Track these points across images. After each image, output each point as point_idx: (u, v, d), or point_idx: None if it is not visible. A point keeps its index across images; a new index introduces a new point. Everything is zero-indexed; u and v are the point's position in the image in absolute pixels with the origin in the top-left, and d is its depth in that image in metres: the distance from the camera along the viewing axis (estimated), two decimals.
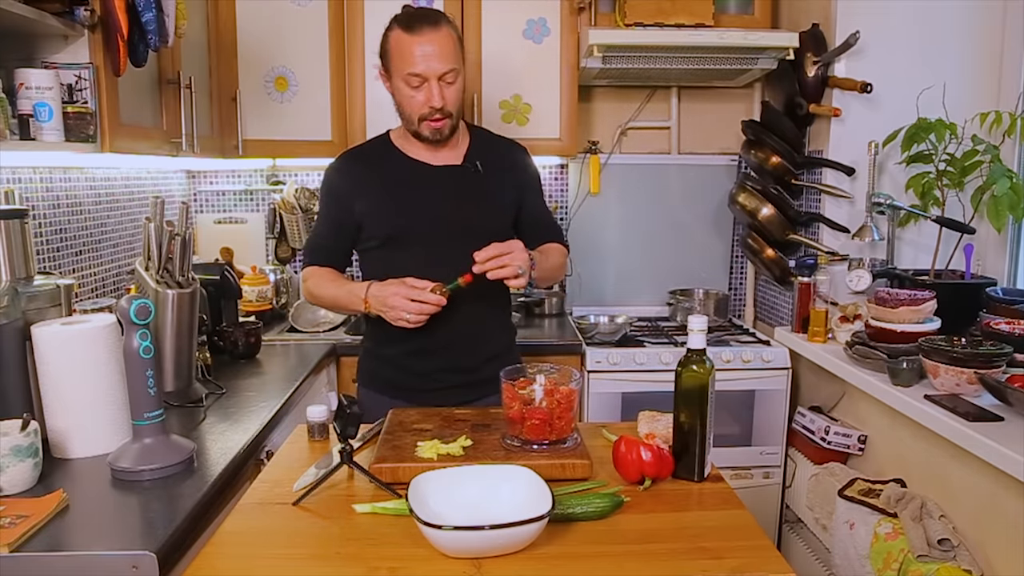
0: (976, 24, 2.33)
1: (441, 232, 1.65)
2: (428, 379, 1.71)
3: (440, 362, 1.71)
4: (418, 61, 1.56)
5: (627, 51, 2.40)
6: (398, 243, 1.67)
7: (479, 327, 1.72)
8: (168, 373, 1.69)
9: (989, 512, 1.58)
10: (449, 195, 1.67)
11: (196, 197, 2.90)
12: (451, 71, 1.58)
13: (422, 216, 1.66)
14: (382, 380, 1.76)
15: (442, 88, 1.58)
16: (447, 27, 1.59)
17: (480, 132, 1.82)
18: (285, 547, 1.06)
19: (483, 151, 1.74)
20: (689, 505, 1.19)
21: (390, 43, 1.62)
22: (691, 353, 1.24)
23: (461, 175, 1.70)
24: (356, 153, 1.78)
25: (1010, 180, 1.97)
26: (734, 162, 2.93)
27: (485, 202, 1.69)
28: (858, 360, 2.04)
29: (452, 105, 1.61)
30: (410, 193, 1.67)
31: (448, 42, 1.58)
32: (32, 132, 1.51)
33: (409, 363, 1.72)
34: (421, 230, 1.66)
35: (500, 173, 1.73)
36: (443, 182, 1.68)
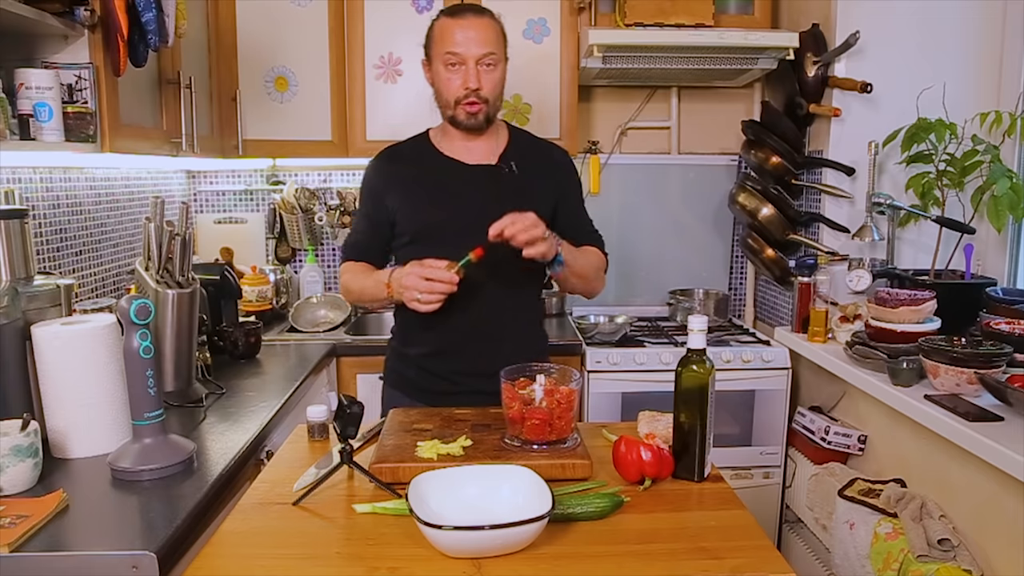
0: (976, 24, 2.32)
1: (471, 231, 1.55)
2: (448, 382, 1.68)
3: (461, 364, 1.67)
4: (458, 41, 1.58)
5: (627, 51, 2.40)
6: (428, 239, 1.65)
7: (504, 330, 1.67)
8: (168, 373, 1.69)
9: (989, 512, 1.58)
10: (480, 194, 1.64)
11: (196, 197, 2.90)
12: (490, 54, 1.58)
13: (452, 213, 1.64)
14: (406, 381, 1.75)
15: (479, 72, 1.59)
16: (492, 18, 1.62)
17: (520, 133, 1.79)
18: (285, 547, 1.06)
19: (521, 152, 1.71)
20: (689, 505, 1.19)
21: (434, 29, 1.64)
22: (691, 353, 1.24)
23: (494, 175, 1.67)
24: (393, 150, 1.77)
25: (1010, 180, 1.97)
26: (734, 162, 2.93)
27: (517, 203, 1.59)
28: (858, 360, 2.04)
29: (488, 90, 1.60)
30: (442, 190, 1.67)
31: (490, 29, 1.60)
32: (32, 132, 1.51)
33: (431, 364, 1.69)
34: (451, 227, 1.64)
35: (537, 175, 1.70)
36: (476, 181, 1.66)
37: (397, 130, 2.59)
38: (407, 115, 2.56)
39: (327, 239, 2.94)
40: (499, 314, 1.66)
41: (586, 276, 1.71)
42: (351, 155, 2.59)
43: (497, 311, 1.65)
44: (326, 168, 2.90)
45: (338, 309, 2.68)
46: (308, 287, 2.85)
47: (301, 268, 2.90)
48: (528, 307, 1.78)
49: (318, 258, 2.93)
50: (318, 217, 2.86)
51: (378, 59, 2.54)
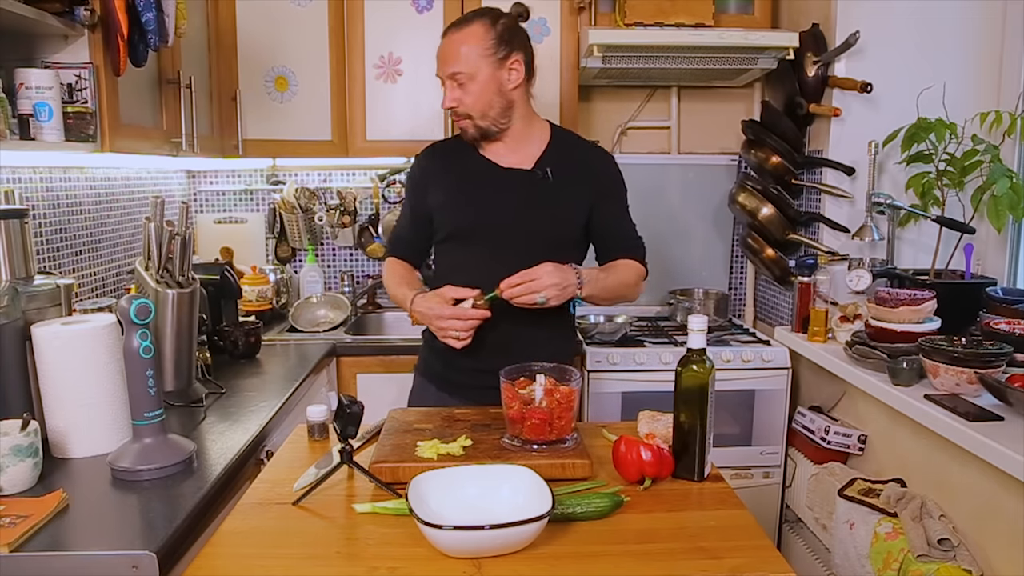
0: (976, 24, 2.32)
1: (503, 234, 1.63)
2: (475, 376, 1.64)
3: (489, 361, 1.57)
4: (437, 61, 1.62)
5: (627, 51, 2.40)
6: (462, 239, 1.68)
7: (533, 330, 1.64)
8: (168, 373, 1.69)
9: (989, 512, 1.58)
10: (513, 199, 1.64)
11: (196, 197, 2.90)
12: (457, 73, 1.57)
13: (485, 216, 1.65)
14: (433, 372, 1.76)
15: (452, 89, 1.59)
16: (474, 26, 1.58)
17: (562, 135, 1.74)
18: (285, 547, 1.06)
19: (559, 156, 1.67)
20: (689, 505, 1.19)
21: None
22: (691, 353, 1.24)
23: (528, 180, 1.64)
24: (437, 147, 1.78)
25: (1010, 180, 1.97)
26: (734, 162, 2.93)
27: (550, 209, 1.62)
28: (858, 360, 2.04)
29: (467, 105, 1.59)
30: (476, 191, 1.67)
31: (461, 43, 1.57)
32: (32, 132, 1.51)
33: (457, 359, 1.66)
34: (483, 230, 1.65)
35: (572, 182, 1.65)
36: (509, 185, 1.65)
37: (397, 130, 2.61)
38: (407, 115, 2.56)
39: (327, 239, 2.94)
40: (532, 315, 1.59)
41: (612, 297, 1.67)
42: (351, 155, 2.59)
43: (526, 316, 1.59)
44: (326, 168, 2.90)
45: (338, 309, 2.68)
46: (308, 287, 2.85)
47: (301, 268, 2.90)
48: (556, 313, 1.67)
49: (318, 258, 2.93)
50: (318, 217, 2.86)
51: (378, 59, 2.54)
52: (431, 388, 1.75)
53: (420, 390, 1.79)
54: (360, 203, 2.89)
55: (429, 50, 2.50)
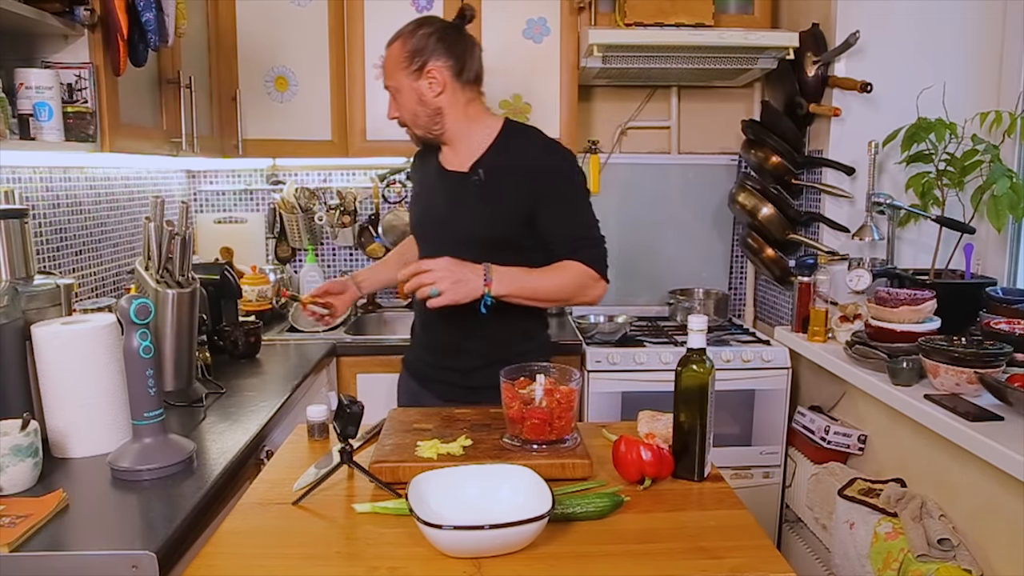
0: (976, 24, 2.32)
1: (441, 236, 1.70)
2: (436, 370, 1.79)
3: (444, 358, 1.76)
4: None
5: (627, 51, 2.40)
6: (417, 237, 1.85)
7: (475, 337, 1.69)
8: (168, 373, 1.69)
9: (989, 512, 1.58)
10: (447, 201, 1.70)
11: (196, 197, 2.90)
12: (388, 86, 1.68)
13: (424, 216, 1.78)
14: (410, 365, 1.89)
15: (391, 100, 1.70)
16: (395, 43, 1.65)
17: (511, 134, 1.69)
18: (285, 547, 1.06)
19: (500, 157, 1.65)
20: (689, 505, 1.19)
21: None
22: (691, 353, 1.24)
23: (462, 182, 1.67)
24: (422, 149, 1.84)
25: (1010, 180, 1.97)
26: (734, 162, 2.93)
27: (481, 210, 1.64)
28: (858, 360, 2.04)
29: (403, 116, 1.69)
30: (425, 194, 1.79)
31: (388, 58, 1.66)
32: (32, 132, 1.51)
33: (423, 354, 1.83)
34: (425, 230, 1.78)
35: (511, 181, 1.62)
36: (446, 188, 1.71)
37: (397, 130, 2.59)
38: None
39: (327, 239, 2.94)
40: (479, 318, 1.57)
41: (541, 299, 1.63)
42: (351, 155, 2.59)
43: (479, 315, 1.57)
44: (326, 168, 2.90)
45: None
46: (308, 287, 2.85)
47: (301, 268, 2.90)
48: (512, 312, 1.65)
49: (318, 258, 2.93)
50: (318, 217, 2.86)
51: (378, 59, 2.52)
52: (410, 380, 1.87)
53: (403, 380, 1.91)
54: (360, 203, 2.89)
55: None
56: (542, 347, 1.80)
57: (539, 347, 1.77)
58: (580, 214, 1.67)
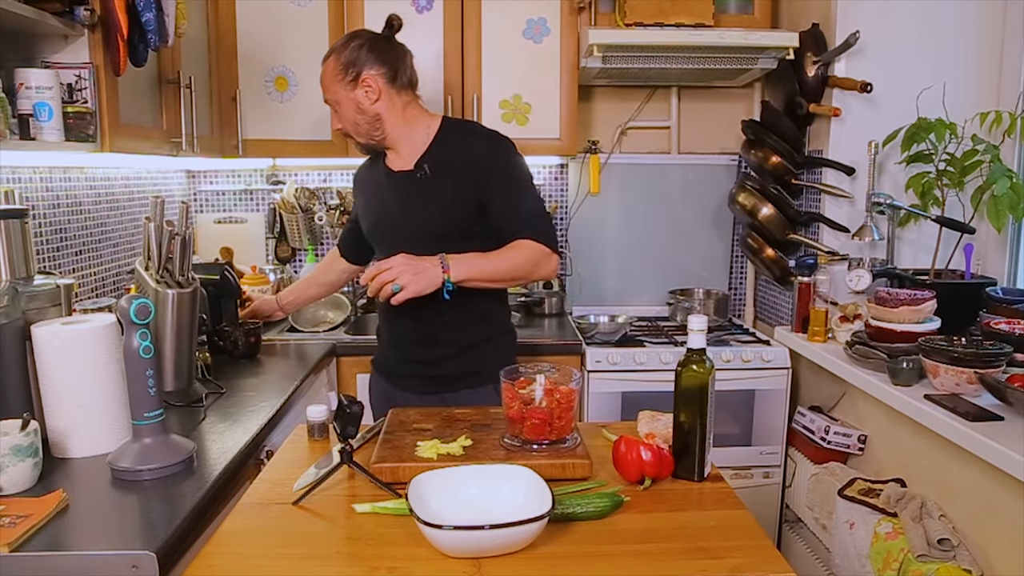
0: (976, 24, 2.33)
1: (393, 234, 1.78)
2: (405, 366, 1.86)
3: (406, 352, 1.84)
4: None
5: (627, 51, 2.40)
6: (372, 242, 1.91)
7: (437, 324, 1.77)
8: (168, 373, 1.69)
9: (989, 512, 1.58)
10: (398, 201, 1.77)
11: (196, 197, 2.90)
12: (328, 100, 1.77)
13: (378, 219, 1.83)
14: (379, 364, 1.96)
15: (332, 113, 1.80)
16: (329, 59, 1.75)
17: (450, 129, 1.76)
18: (285, 547, 1.06)
19: (441, 152, 1.73)
20: (689, 505, 1.19)
21: None
22: (691, 353, 1.24)
23: (409, 180, 1.75)
24: (369, 158, 1.93)
25: (1010, 180, 1.97)
26: (734, 162, 2.93)
27: (429, 205, 1.72)
28: (858, 360, 2.04)
29: (346, 126, 1.77)
30: (376, 199, 1.84)
31: (324, 75, 1.76)
32: (32, 132, 1.51)
33: (390, 352, 1.90)
34: (379, 232, 1.84)
35: (454, 173, 1.70)
36: (395, 188, 1.78)
37: None
38: None
39: (327, 239, 2.94)
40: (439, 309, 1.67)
41: (500, 279, 1.68)
42: (351, 155, 2.58)
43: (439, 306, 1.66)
44: (326, 168, 2.90)
45: (338, 309, 2.68)
46: None
47: (301, 268, 2.90)
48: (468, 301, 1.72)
49: (318, 258, 2.93)
50: (318, 217, 2.86)
51: None
52: (378, 377, 1.94)
53: (373, 381, 1.99)
54: None
55: (429, 51, 2.53)
56: (505, 330, 1.88)
57: (502, 330, 1.87)
58: (526, 196, 1.74)
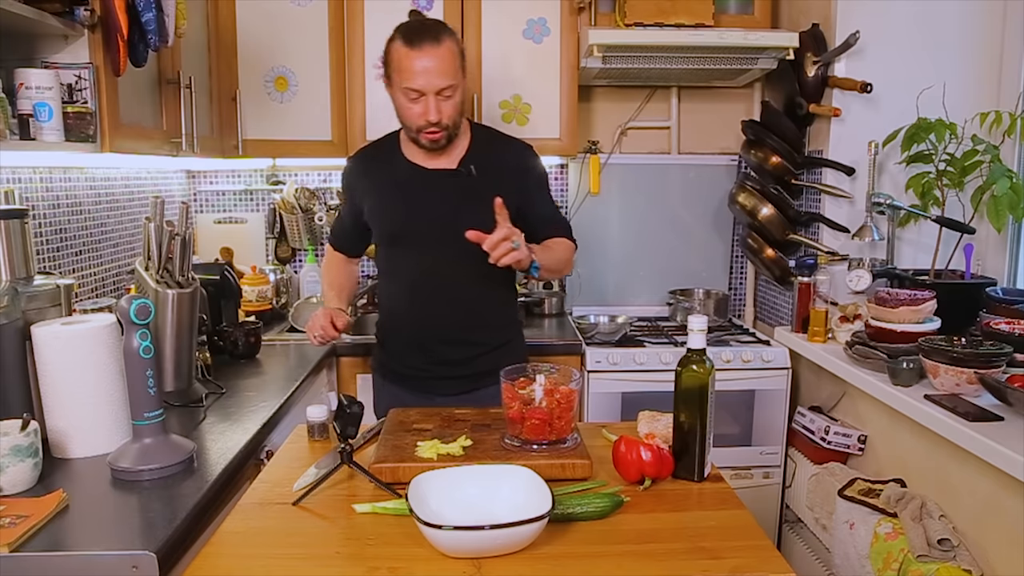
0: (976, 24, 2.32)
1: (434, 236, 1.72)
2: (424, 370, 1.81)
3: (434, 355, 1.80)
4: (417, 76, 1.59)
5: (627, 51, 2.40)
6: (393, 242, 1.80)
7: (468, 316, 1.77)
8: (168, 373, 1.69)
9: (989, 512, 1.58)
10: (441, 200, 1.72)
11: (196, 197, 2.90)
12: (449, 87, 1.61)
13: (413, 217, 1.74)
14: (391, 371, 1.88)
15: (439, 103, 1.62)
16: (449, 41, 1.61)
17: (482, 133, 1.83)
18: (285, 547, 1.06)
19: (481, 153, 1.76)
20: (689, 505, 1.19)
21: (391, 54, 1.65)
22: (691, 353, 1.24)
23: (452, 179, 1.72)
24: (367, 153, 1.87)
25: (1010, 180, 1.97)
26: (734, 162, 2.93)
27: (478, 206, 1.62)
28: (858, 360, 2.04)
29: (449, 119, 1.64)
30: (406, 196, 1.75)
31: (448, 57, 1.60)
32: (32, 132, 1.51)
33: (408, 355, 1.83)
34: (412, 232, 1.75)
35: (498, 175, 1.73)
36: (437, 186, 1.73)
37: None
38: None
39: (327, 239, 2.94)
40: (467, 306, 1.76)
41: (556, 270, 1.78)
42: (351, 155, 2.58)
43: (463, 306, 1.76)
44: (326, 168, 2.90)
45: None
46: (308, 287, 2.85)
47: (301, 268, 2.90)
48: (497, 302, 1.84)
49: (318, 258, 2.93)
50: (318, 217, 2.86)
51: (378, 59, 2.50)
52: (386, 385, 1.89)
53: (378, 388, 1.93)
54: None
55: None
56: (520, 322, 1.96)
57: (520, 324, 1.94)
58: (551, 199, 1.87)
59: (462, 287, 1.76)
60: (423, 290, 1.77)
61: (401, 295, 1.82)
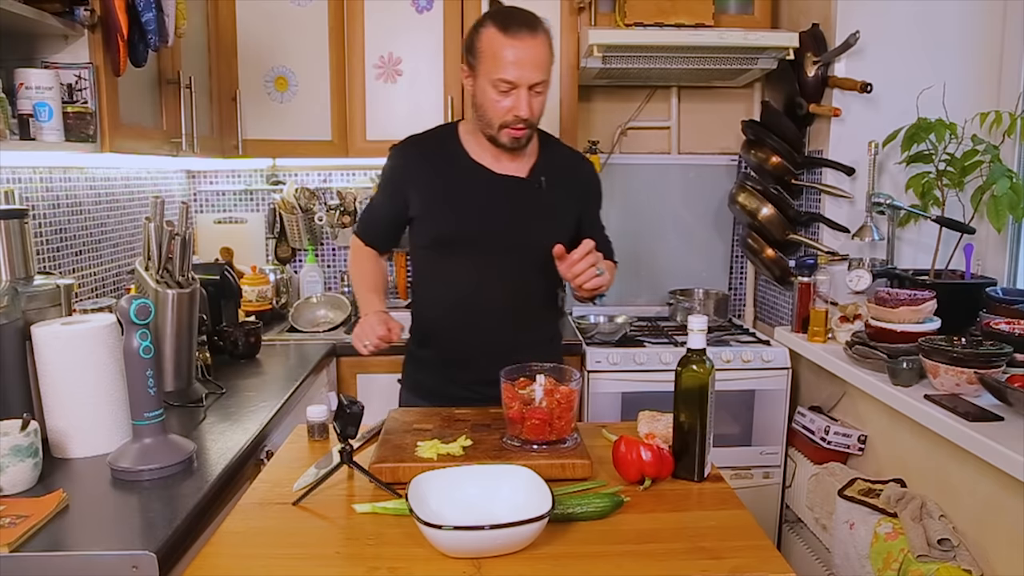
0: (976, 24, 2.33)
1: (492, 244, 1.59)
2: (465, 388, 1.63)
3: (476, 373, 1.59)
4: (511, 68, 1.46)
5: (627, 51, 2.40)
6: (447, 248, 1.62)
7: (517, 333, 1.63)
8: (168, 373, 1.69)
9: (989, 512, 1.58)
10: (507, 208, 1.59)
11: (196, 197, 2.90)
12: (541, 83, 1.49)
13: (474, 225, 1.60)
14: (424, 387, 1.72)
15: (531, 98, 1.49)
16: (544, 34, 1.50)
17: (551, 143, 1.69)
18: (285, 547, 1.06)
19: (551, 165, 1.64)
20: (689, 505, 1.19)
21: (481, 41, 1.50)
22: (691, 353, 1.24)
23: (523, 189, 1.58)
24: (421, 143, 1.68)
25: (1010, 180, 1.97)
26: (734, 162, 2.93)
27: (544, 220, 1.57)
28: (858, 360, 2.04)
29: (536, 115, 1.53)
30: (467, 199, 1.60)
31: (543, 51, 1.49)
32: (32, 132, 1.51)
33: (446, 369, 1.67)
34: (471, 239, 1.60)
35: (564, 191, 1.64)
36: (503, 193, 1.59)
37: (397, 130, 2.60)
38: (407, 115, 2.56)
39: (327, 239, 2.94)
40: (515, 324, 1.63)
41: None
42: (351, 155, 2.59)
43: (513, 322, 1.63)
44: (326, 168, 2.90)
45: (338, 309, 2.68)
46: (308, 287, 2.85)
47: (301, 268, 2.90)
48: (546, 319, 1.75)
49: (318, 258, 2.93)
50: (318, 217, 2.86)
51: (378, 59, 2.54)
52: (420, 403, 1.67)
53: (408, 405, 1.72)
54: (360, 203, 2.89)
55: (429, 50, 2.53)
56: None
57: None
58: (600, 217, 1.78)
59: (514, 302, 1.63)
60: (470, 302, 1.62)
61: (443, 304, 1.66)
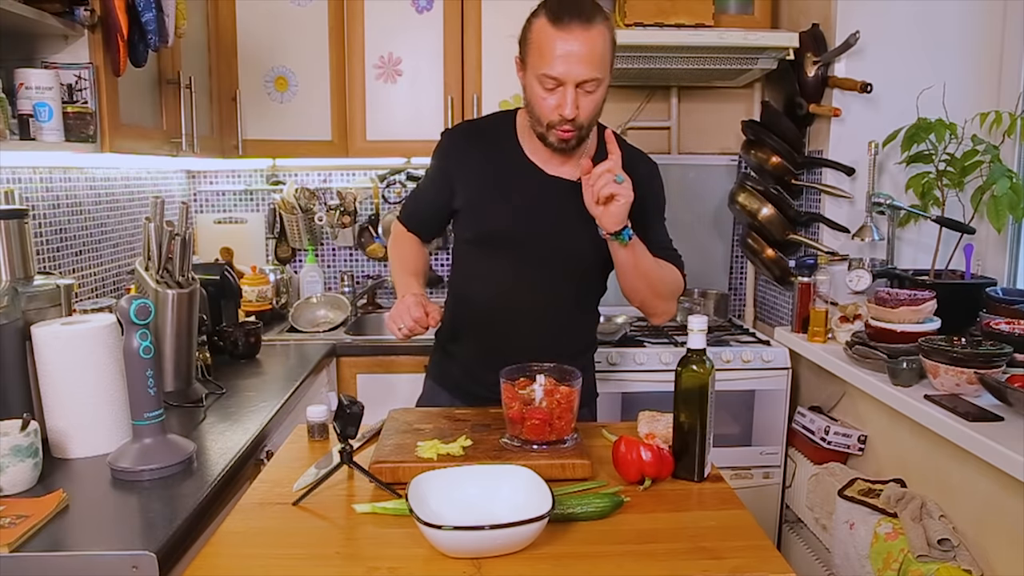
0: (976, 24, 2.32)
1: (535, 248, 1.51)
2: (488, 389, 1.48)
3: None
4: (557, 63, 1.34)
5: (627, 51, 2.40)
6: (489, 245, 1.55)
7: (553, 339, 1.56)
8: (168, 373, 1.69)
9: (989, 512, 1.58)
10: (555, 212, 1.49)
11: (196, 197, 2.90)
12: (592, 80, 1.36)
13: (520, 225, 1.51)
14: (450, 379, 1.66)
15: (578, 96, 1.37)
16: (601, 25, 1.35)
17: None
18: (285, 547, 1.06)
19: None
20: (689, 505, 1.19)
21: (532, 32, 1.41)
22: (691, 353, 1.24)
23: (575, 194, 1.40)
24: (475, 131, 1.59)
25: (1010, 180, 1.97)
26: (734, 162, 2.93)
27: (592, 227, 1.40)
28: (858, 360, 2.04)
29: (586, 117, 1.41)
30: (516, 198, 1.51)
31: (597, 45, 1.34)
32: (32, 132, 1.51)
33: (476, 367, 1.59)
34: (515, 240, 1.52)
35: None
36: (554, 196, 1.50)
37: (397, 130, 2.62)
38: (407, 115, 2.56)
39: (327, 239, 2.94)
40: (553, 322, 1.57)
41: (652, 280, 1.47)
42: (351, 155, 2.59)
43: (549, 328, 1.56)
44: (326, 168, 2.90)
45: (338, 309, 2.68)
46: (308, 287, 2.85)
47: (301, 268, 2.90)
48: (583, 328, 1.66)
49: (318, 258, 2.93)
50: (318, 217, 2.86)
51: (378, 59, 2.54)
52: (444, 395, 1.65)
53: (431, 395, 1.69)
54: (360, 203, 2.89)
55: (429, 50, 2.53)
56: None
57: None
58: (664, 225, 1.59)
59: (553, 309, 1.56)
60: (505, 302, 1.55)
61: (478, 301, 1.59)
